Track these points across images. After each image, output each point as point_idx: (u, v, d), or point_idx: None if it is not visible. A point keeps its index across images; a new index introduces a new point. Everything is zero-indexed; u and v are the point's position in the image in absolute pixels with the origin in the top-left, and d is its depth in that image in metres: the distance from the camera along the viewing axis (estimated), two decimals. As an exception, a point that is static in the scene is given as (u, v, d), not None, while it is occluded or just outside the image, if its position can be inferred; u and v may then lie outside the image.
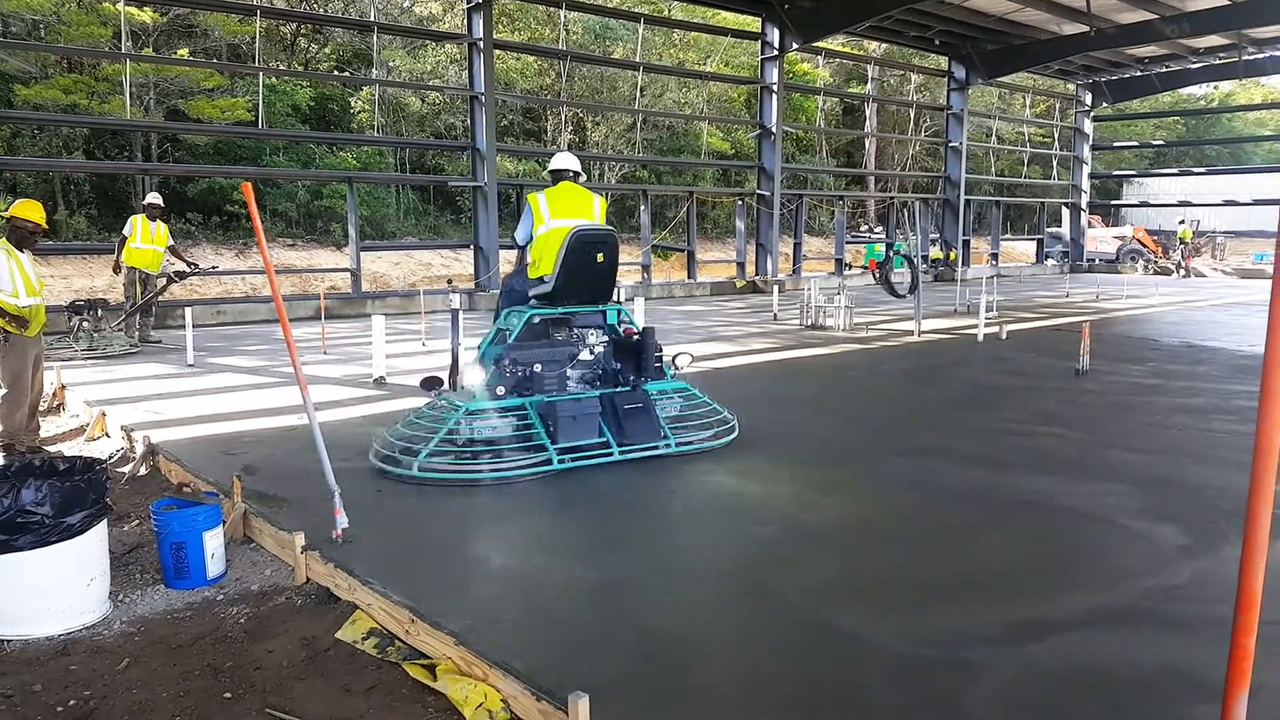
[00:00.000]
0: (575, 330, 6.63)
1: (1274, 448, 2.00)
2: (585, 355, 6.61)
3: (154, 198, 12.57)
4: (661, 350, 6.78)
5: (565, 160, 6.98)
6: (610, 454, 6.11)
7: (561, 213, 6.59)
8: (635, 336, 6.68)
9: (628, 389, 6.48)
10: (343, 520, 4.58)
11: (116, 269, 12.44)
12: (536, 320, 6.52)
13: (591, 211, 6.73)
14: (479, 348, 6.65)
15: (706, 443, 6.59)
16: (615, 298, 6.98)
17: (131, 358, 11.12)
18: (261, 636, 3.85)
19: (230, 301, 16.43)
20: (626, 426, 6.23)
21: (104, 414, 7.71)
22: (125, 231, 12.28)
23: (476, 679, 3.28)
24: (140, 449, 6.64)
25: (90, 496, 4.01)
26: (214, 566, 4.44)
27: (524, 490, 5.62)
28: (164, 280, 13.02)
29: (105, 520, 4.13)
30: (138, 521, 5.35)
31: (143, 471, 6.41)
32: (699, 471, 6.04)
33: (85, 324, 11.44)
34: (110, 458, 6.84)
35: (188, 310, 11.53)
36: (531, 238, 6.67)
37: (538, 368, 6.23)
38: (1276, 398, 1.97)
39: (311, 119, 28.47)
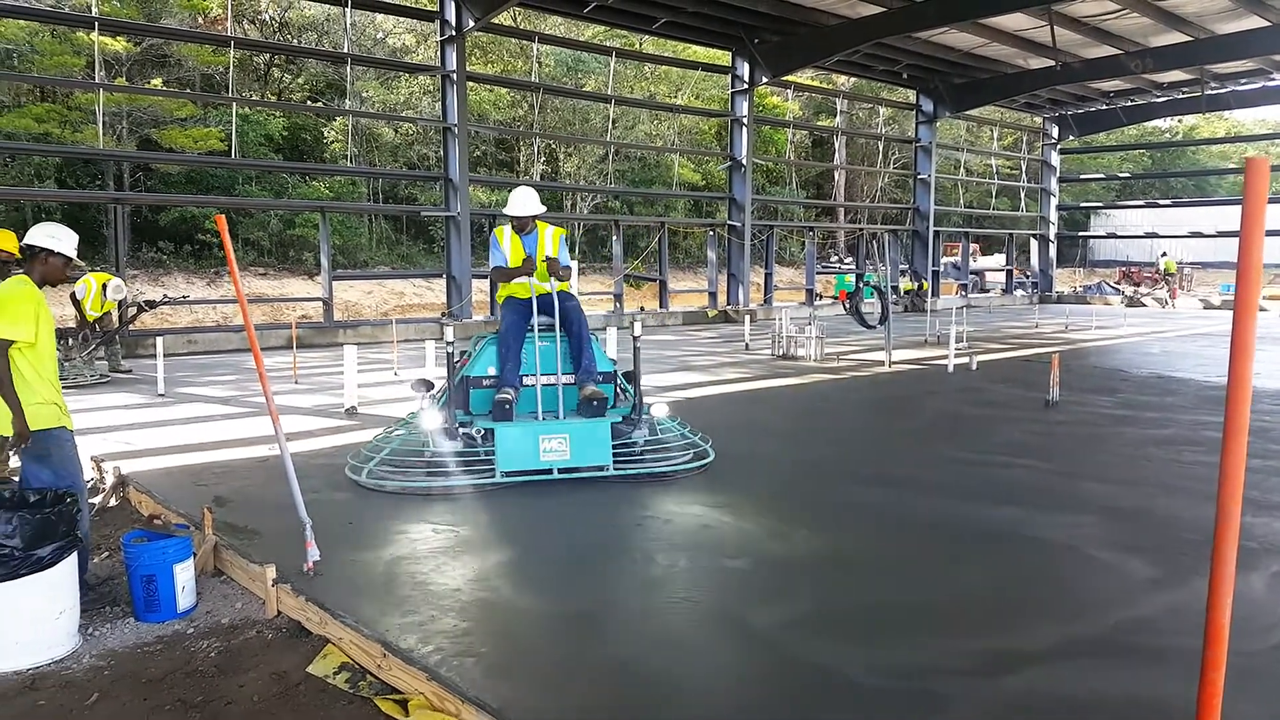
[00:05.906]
0: None
1: (1239, 483, 2.03)
2: None
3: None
4: None
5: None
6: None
7: None
8: None
9: None
10: (314, 552, 4.56)
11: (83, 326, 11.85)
12: None
13: None
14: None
15: None
16: None
17: (101, 387, 11.01)
18: (232, 671, 3.81)
19: (202, 331, 16.31)
20: None
21: (72, 445, 7.60)
22: (79, 293, 11.77)
23: (449, 714, 3.27)
24: (110, 480, 6.57)
25: (61, 529, 3.96)
26: (184, 599, 4.39)
27: (494, 520, 5.61)
28: (134, 309, 12.91)
29: (75, 553, 4.09)
30: (108, 554, 5.29)
31: (113, 503, 6.35)
32: (673, 501, 6.05)
33: (55, 353, 11.28)
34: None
35: (158, 340, 11.42)
36: None
37: None
38: (1240, 433, 2.01)
39: (284, 149, 28.46)
